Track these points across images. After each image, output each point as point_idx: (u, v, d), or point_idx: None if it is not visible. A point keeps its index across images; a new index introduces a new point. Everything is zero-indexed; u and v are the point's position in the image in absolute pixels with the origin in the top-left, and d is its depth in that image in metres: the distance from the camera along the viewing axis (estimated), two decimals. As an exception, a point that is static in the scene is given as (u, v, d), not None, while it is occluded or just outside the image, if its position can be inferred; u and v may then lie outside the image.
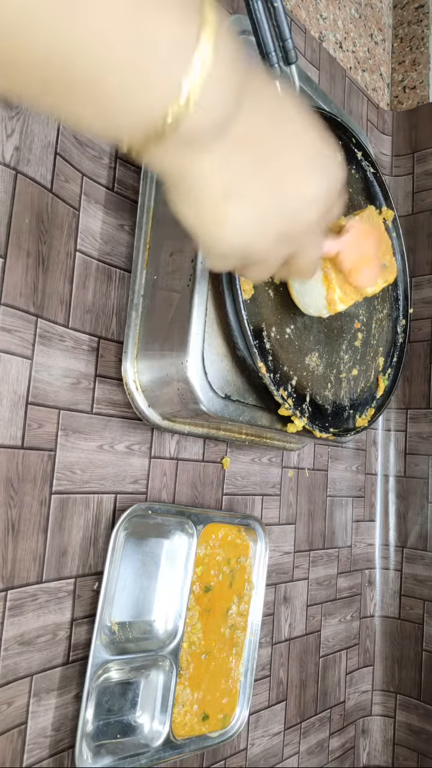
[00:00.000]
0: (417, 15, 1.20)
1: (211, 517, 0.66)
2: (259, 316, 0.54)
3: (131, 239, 0.62)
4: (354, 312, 0.67)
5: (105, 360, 0.59)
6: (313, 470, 0.89)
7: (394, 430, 1.02)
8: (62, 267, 0.55)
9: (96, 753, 0.55)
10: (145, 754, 0.59)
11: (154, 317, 0.56)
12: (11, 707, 0.50)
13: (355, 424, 0.67)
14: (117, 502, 0.60)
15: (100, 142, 0.60)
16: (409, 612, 0.97)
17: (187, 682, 0.64)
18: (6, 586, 0.50)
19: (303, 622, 0.86)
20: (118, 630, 0.59)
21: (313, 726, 0.88)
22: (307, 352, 0.60)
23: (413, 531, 0.99)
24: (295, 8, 0.95)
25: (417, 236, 1.01)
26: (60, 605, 0.55)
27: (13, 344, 0.50)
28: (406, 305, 0.74)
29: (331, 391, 0.63)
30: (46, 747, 0.53)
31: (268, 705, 0.80)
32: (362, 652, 0.99)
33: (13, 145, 0.50)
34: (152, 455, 0.64)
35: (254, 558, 0.72)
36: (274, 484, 0.81)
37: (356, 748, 0.97)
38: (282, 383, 0.56)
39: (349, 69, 1.08)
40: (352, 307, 0.67)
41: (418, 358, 0.99)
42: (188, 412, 0.56)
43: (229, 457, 0.74)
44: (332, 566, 0.93)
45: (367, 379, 0.69)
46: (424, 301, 0.99)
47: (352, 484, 0.98)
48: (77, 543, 0.56)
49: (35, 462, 0.53)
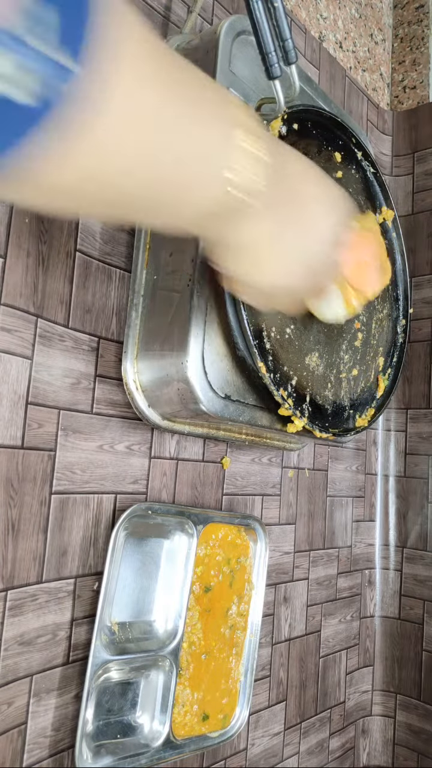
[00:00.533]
0: (417, 15, 1.20)
1: (211, 517, 0.66)
2: (259, 316, 0.54)
3: (131, 239, 0.62)
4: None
5: (105, 360, 0.59)
6: (313, 470, 0.89)
7: (394, 430, 1.02)
8: (62, 267, 0.55)
9: (96, 753, 0.55)
10: (145, 754, 0.59)
11: (154, 317, 0.56)
12: (11, 707, 0.50)
13: (355, 424, 0.67)
14: (117, 502, 0.60)
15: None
16: (409, 612, 0.97)
17: (187, 682, 0.64)
18: (6, 586, 0.50)
19: (303, 622, 0.86)
20: (118, 630, 0.59)
21: (313, 726, 0.88)
22: (307, 352, 0.60)
23: (413, 531, 0.99)
24: (295, 8, 0.95)
25: (417, 236, 1.01)
26: (60, 605, 0.55)
27: (13, 344, 0.50)
28: (406, 305, 0.74)
29: (331, 391, 0.63)
30: (46, 747, 0.53)
31: (268, 705, 0.80)
32: (362, 652, 0.99)
33: (13, 145, 0.50)
34: (152, 455, 0.64)
35: (254, 558, 0.72)
36: (274, 484, 0.81)
37: (356, 748, 0.97)
38: (282, 383, 0.56)
39: (349, 69, 1.08)
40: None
41: (418, 358, 0.99)
42: (188, 412, 0.56)
43: (229, 457, 0.74)
44: (332, 566, 0.93)
45: (367, 379, 0.69)
46: (424, 301, 0.99)
47: (352, 484, 0.98)
48: (77, 543, 0.56)
49: (35, 462, 0.53)
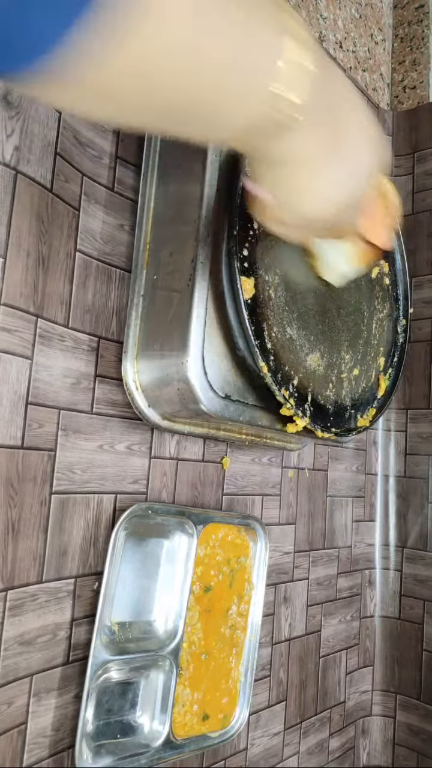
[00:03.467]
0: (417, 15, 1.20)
1: (211, 517, 0.66)
2: (260, 315, 0.54)
3: (131, 239, 0.62)
4: (354, 312, 0.67)
5: (105, 360, 0.59)
6: (313, 470, 0.89)
7: (395, 431, 1.02)
8: (62, 267, 0.55)
9: (96, 753, 0.55)
10: (145, 754, 0.59)
11: (154, 317, 0.56)
12: (11, 707, 0.50)
13: (357, 424, 0.67)
14: (117, 502, 0.60)
15: (100, 142, 0.60)
16: (409, 612, 0.97)
17: (187, 682, 0.64)
18: (6, 586, 0.50)
19: (303, 622, 0.86)
20: (118, 630, 0.59)
21: (313, 726, 0.88)
22: (309, 352, 0.60)
23: (413, 531, 0.99)
24: (295, 8, 0.95)
25: (417, 236, 1.01)
26: (60, 605, 0.55)
27: (13, 344, 0.50)
28: (406, 305, 0.74)
29: (333, 391, 0.63)
30: (46, 747, 0.53)
31: (268, 705, 0.80)
32: (362, 652, 0.99)
33: (13, 145, 0.50)
34: (152, 455, 0.64)
35: (254, 558, 0.72)
36: (274, 484, 0.81)
37: (356, 748, 0.97)
38: (284, 383, 0.56)
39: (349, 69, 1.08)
40: (353, 306, 0.67)
41: (419, 359, 0.99)
42: (188, 412, 0.56)
43: (229, 457, 0.74)
44: (332, 566, 0.92)
45: (368, 379, 0.69)
46: (424, 301, 0.99)
47: (353, 484, 0.98)
48: (77, 543, 0.56)
49: (35, 462, 0.53)
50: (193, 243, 0.53)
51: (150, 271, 0.58)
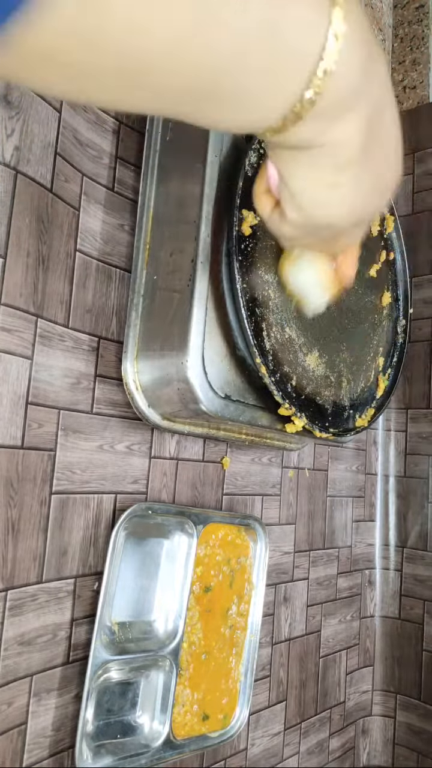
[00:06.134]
0: (417, 15, 1.20)
1: (211, 517, 0.66)
2: (259, 316, 0.54)
3: (131, 239, 0.62)
4: (354, 312, 0.67)
5: (105, 360, 0.59)
6: (313, 470, 0.89)
7: (395, 430, 1.02)
8: (62, 267, 0.55)
9: (96, 753, 0.55)
10: (145, 754, 0.59)
11: (154, 317, 0.56)
12: (11, 707, 0.50)
13: (355, 424, 0.67)
14: (117, 502, 0.60)
15: (100, 142, 0.60)
16: (409, 612, 0.97)
17: (187, 682, 0.64)
18: (6, 586, 0.50)
19: (303, 622, 0.86)
20: (118, 630, 0.59)
21: (313, 726, 0.88)
22: (307, 352, 0.60)
23: (413, 531, 0.99)
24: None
25: (417, 236, 1.01)
26: (60, 605, 0.55)
27: (13, 344, 0.50)
28: (406, 305, 0.74)
29: (331, 391, 0.63)
30: (46, 747, 0.53)
31: (268, 705, 0.80)
32: (362, 652, 0.99)
33: (13, 145, 0.50)
34: (152, 455, 0.64)
35: (254, 558, 0.72)
36: (274, 484, 0.81)
37: (356, 748, 0.97)
38: (282, 383, 0.56)
39: (349, 69, 1.08)
40: (353, 306, 0.67)
41: (418, 358, 0.99)
42: (188, 412, 0.56)
43: (229, 457, 0.74)
44: (332, 566, 0.92)
45: (367, 379, 0.69)
46: (424, 301, 0.99)
47: (352, 484, 0.98)
48: (77, 543, 0.56)
49: (35, 462, 0.53)
50: (193, 243, 0.53)
51: (150, 271, 0.58)
